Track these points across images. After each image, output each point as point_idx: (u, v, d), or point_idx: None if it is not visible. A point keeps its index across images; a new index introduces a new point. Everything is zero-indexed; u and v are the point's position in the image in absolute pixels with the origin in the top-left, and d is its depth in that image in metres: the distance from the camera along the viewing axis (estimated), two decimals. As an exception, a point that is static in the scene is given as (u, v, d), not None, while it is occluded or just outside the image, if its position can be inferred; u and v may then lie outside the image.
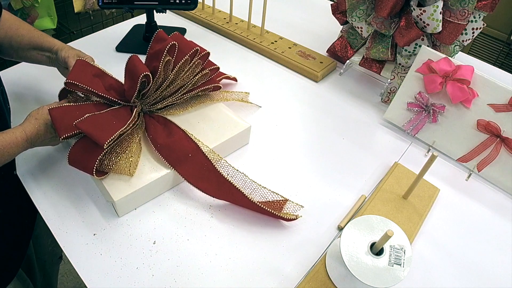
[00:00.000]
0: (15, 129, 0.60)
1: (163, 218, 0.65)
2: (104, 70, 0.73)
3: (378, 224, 0.55)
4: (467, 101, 0.75)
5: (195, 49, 0.72)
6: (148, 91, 0.70)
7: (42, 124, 0.63)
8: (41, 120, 0.63)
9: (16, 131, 0.60)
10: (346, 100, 0.93)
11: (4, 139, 0.58)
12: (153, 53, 0.70)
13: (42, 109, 0.64)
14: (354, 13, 0.90)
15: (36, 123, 0.62)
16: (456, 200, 0.72)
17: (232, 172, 0.67)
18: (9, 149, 0.58)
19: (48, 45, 0.75)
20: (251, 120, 0.84)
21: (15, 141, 0.59)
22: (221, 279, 0.57)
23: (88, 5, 1.79)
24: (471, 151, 0.77)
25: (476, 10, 0.79)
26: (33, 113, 0.64)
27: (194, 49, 0.71)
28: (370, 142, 0.83)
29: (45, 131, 0.63)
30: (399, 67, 0.91)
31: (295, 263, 0.60)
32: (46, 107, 0.64)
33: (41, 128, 0.62)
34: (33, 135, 0.61)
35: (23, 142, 0.60)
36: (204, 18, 1.17)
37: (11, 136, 0.59)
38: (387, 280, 0.49)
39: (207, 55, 0.75)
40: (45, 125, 0.63)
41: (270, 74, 1.00)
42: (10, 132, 0.59)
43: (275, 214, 0.63)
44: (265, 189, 0.66)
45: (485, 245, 0.66)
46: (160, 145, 0.67)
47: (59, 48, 0.74)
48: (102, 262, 0.58)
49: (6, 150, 0.58)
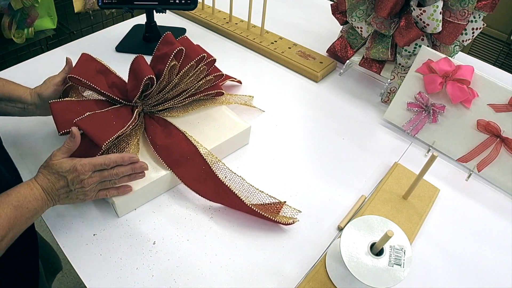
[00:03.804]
0: (26, 182, 0.55)
1: (163, 218, 0.64)
2: (109, 66, 0.72)
3: (378, 224, 0.55)
4: (467, 101, 0.75)
5: (202, 55, 0.71)
6: (150, 93, 0.70)
7: (50, 172, 0.56)
8: (48, 168, 0.57)
9: (29, 182, 0.55)
10: (346, 100, 0.93)
11: (18, 192, 0.53)
12: (159, 55, 0.70)
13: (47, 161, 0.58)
14: (354, 13, 0.90)
15: (44, 172, 0.56)
16: (456, 200, 0.72)
17: (230, 175, 0.67)
18: (27, 204, 0.52)
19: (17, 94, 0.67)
20: (251, 120, 0.84)
21: (30, 193, 0.54)
22: (221, 280, 0.57)
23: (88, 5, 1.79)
24: (471, 151, 0.77)
25: (476, 10, 0.79)
26: (40, 167, 0.58)
27: (200, 55, 0.71)
28: (370, 142, 0.83)
29: (56, 179, 0.56)
30: (399, 67, 0.91)
31: (295, 263, 0.60)
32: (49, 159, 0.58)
33: (52, 177, 0.56)
34: (47, 186, 0.55)
35: (40, 192, 0.54)
36: (204, 18, 1.17)
37: (26, 188, 0.54)
38: (387, 281, 0.49)
39: (213, 61, 0.75)
40: (53, 173, 0.56)
41: (270, 74, 1.00)
42: (23, 184, 0.54)
43: (271, 219, 0.63)
44: (263, 193, 0.66)
45: (485, 245, 0.65)
46: (159, 146, 0.67)
47: (30, 93, 0.68)
48: (102, 262, 0.58)
49: (25, 205, 0.52)
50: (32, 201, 0.53)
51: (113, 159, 0.58)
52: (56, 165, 0.56)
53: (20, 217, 0.51)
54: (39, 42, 1.76)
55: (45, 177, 0.56)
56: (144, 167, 0.62)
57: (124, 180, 0.60)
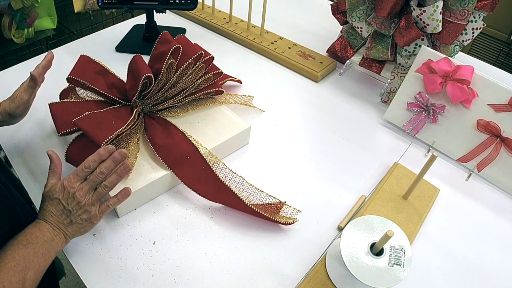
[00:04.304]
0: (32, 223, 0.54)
1: (163, 218, 0.64)
2: (107, 67, 0.73)
3: (378, 224, 0.55)
4: (467, 101, 0.75)
5: (199, 52, 0.71)
6: (149, 92, 0.70)
7: (47, 202, 0.55)
8: (44, 199, 0.56)
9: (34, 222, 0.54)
10: (346, 100, 0.93)
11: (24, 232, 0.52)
12: (157, 54, 0.70)
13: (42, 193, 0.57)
14: (354, 13, 0.90)
15: (43, 206, 0.55)
16: (456, 200, 0.72)
17: (230, 174, 0.67)
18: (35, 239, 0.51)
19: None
20: (251, 120, 0.84)
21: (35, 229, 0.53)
22: (221, 280, 0.57)
23: (88, 5, 1.79)
24: (471, 151, 0.77)
25: (476, 10, 0.79)
26: (52, 191, 0.56)
27: (198, 52, 0.71)
28: (370, 142, 0.83)
29: (53, 205, 0.55)
30: (399, 67, 0.91)
31: (295, 263, 0.60)
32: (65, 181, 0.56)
33: (50, 207, 0.55)
34: (48, 217, 0.54)
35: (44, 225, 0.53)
36: (204, 18, 1.17)
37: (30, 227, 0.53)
38: (387, 281, 0.49)
39: (211, 59, 0.75)
40: (49, 201, 0.55)
41: (270, 74, 1.00)
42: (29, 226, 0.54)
43: (271, 219, 0.63)
44: (263, 193, 0.66)
45: (485, 245, 0.65)
46: (159, 146, 0.67)
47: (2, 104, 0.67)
48: (102, 262, 0.58)
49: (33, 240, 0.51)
50: (40, 235, 0.52)
51: (91, 158, 0.55)
52: (49, 192, 0.55)
53: (33, 254, 0.50)
54: (39, 42, 1.76)
55: (45, 210, 0.55)
56: (124, 154, 0.56)
57: (113, 180, 0.56)
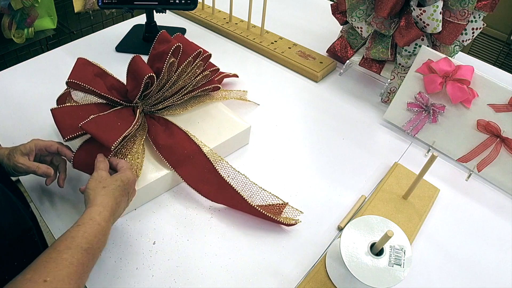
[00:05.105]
0: (88, 214, 0.48)
1: (163, 218, 0.64)
2: (105, 69, 0.73)
3: (378, 224, 0.54)
4: (467, 101, 0.75)
5: (198, 50, 0.72)
6: (150, 92, 0.70)
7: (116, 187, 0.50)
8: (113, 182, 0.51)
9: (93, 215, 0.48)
10: (346, 100, 0.93)
11: (86, 233, 0.46)
12: (156, 54, 0.70)
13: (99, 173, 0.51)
14: (354, 13, 0.90)
15: (109, 190, 0.51)
16: (456, 200, 0.72)
17: (233, 173, 0.67)
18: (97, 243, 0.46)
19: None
20: (251, 120, 0.84)
21: (98, 228, 0.47)
22: (221, 280, 0.57)
23: (88, 5, 1.78)
24: (471, 151, 0.77)
25: (476, 10, 0.79)
26: (92, 185, 0.51)
27: (197, 51, 0.71)
28: (370, 142, 0.83)
29: (121, 193, 0.51)
30: (399, 67, 0.91)
31: (295, 263, 0.60)
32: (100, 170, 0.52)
33: (117, 193, 0.50)
34: (113, 207, 0.50)
35: (106, 223, 0.48)
36: (204, 18, 1.17)
37: (92, 225, 0.47)
38: (387, 281, 0.49)
39: (208, 56, 0.76)
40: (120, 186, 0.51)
41: (270, 74, 1.00)
42: (87, 220, 0.47)
43: (274, 219, 0.63)
44: (266, 192, 0.66)
45: (485, 245, 0.65)
46: (161, 145, 0.67)
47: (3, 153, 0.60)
48: (102, 262, 0.58)
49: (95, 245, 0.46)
50: (102, 238, 0.47)
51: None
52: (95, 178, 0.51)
53: (92, 260, 0.45)
54: (39, 42, 1.76)
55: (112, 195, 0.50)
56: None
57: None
